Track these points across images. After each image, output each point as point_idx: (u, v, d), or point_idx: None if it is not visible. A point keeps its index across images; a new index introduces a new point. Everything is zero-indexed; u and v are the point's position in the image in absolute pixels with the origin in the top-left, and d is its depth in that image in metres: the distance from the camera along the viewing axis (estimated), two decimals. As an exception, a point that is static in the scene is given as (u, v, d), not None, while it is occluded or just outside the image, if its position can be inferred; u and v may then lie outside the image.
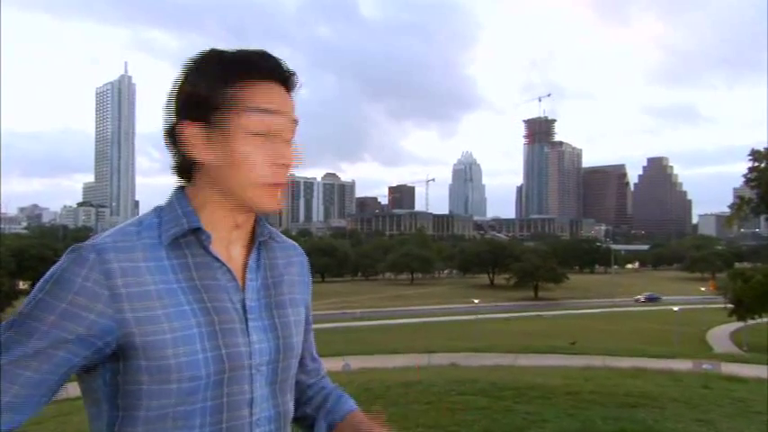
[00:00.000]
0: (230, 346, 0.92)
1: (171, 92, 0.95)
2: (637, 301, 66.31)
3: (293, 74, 0.97)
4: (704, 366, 15.13)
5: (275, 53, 0.97)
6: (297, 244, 1.14)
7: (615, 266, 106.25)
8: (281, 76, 0.95)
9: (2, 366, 0.83)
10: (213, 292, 0.92)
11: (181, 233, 0.92)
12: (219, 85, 0.92)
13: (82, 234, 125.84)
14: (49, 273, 0.87)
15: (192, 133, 0.92)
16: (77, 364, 0.87)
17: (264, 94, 0.93)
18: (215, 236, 0.94)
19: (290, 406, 1.03)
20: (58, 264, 0.87)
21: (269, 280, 1.02)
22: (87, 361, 0.87)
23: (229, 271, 0.95)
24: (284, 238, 1.11)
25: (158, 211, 0.96)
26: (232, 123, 0.92)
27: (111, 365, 0.88)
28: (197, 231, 0.93)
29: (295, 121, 0.97)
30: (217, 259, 0.94)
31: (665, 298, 68.33)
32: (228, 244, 0.97)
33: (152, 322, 0.87)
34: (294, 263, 1.10)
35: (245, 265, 0.99)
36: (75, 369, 0.88)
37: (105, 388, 0.90)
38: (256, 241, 1.01)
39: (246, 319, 0.95)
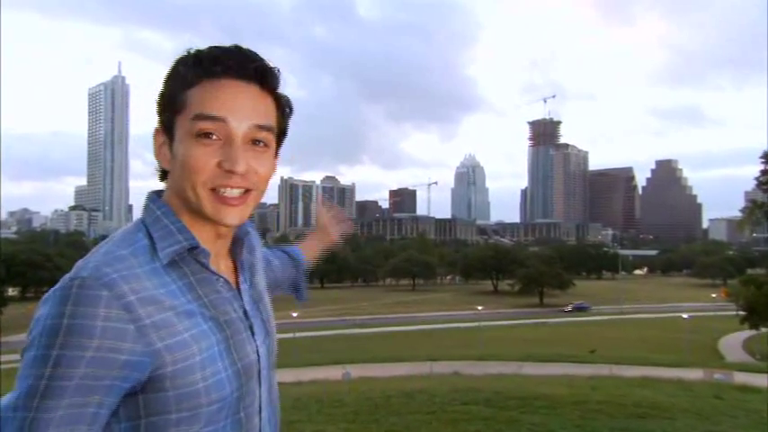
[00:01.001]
0: (243, 358, 0.93)
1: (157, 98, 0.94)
2: (564, 310, 65.53)
3: (266, 73, 0.92)
4: (716, 376, 15.07)
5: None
6: (246, 222, 1.09)
7: (623, 272, 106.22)
8: (243, 73, 0.90)
9: None
10: (221, 306, 0.93)
11: (180, 251, 0.90)
12: (179, 90, 0.90)
13: (74, 239, 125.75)
14: (50, 324, 0.78)
15: (159, 140, 0.94)
16: (107, 415, 0.82)
17: (211, 94, 0.89)
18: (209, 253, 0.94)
19: (277, 396, 1.06)
20: (55, 310, 0.79)
21: (248, 276, 1.03)
22: (113, 409, 0.83)
23: (227, 281, 0.96)
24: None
25: (142, 227, 0.92)
26: (180, 126, 0.90)
27: (127, 407, 0.85)
28: (194, 249, 0.91)
29: (258, 126, 0.91)
30: (215, 273, 0.94)
31: (679, 305, 68.12)
32: (216, 253, 0.97)
33: (182, 348, 0.85)
34: (255, 246, 1.09)
35: (235, 271, 1.00)
36: (103, 422, 0.82)
37: (121, 425, 0.86)
38: (242, 243, 1.02)
39: (250, 325, 0.97)
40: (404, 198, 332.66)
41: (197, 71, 0.89)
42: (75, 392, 0.78)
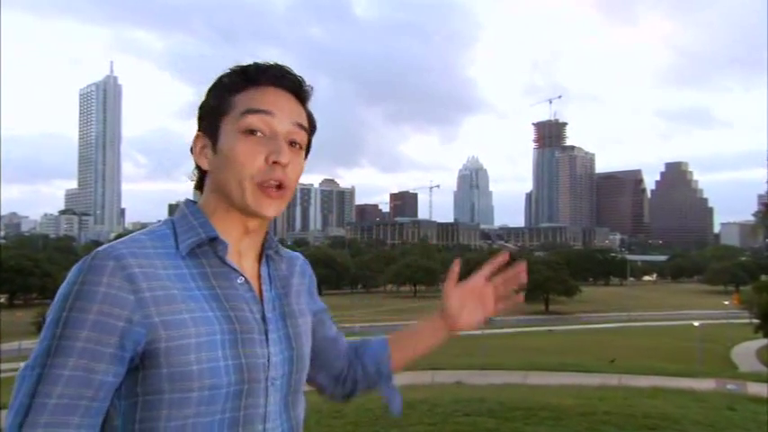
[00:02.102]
0: (250, 356, 0.97)
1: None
2: None
3: (302, 85, 1.07)
4: (729, 386, 15.02)
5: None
6: (299, 254, 1.23)
7: (631, 278, 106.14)
8: (283, 83, 1.05)
9: (52, 398, 0.85)
10: (234, 301, 0.98)
11: (198, 242, 0.98)
12: (225, 96, 1.03)
13: (63, 243, 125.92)
14: (64, 290, 0.90)
15: (200, 143, 1.05)
16: (113, 385, 0.90)
17: (257, 96, 1.02)
18: (228, 245, 1.01)
19: (301, 419, 1.10)
20: (70, 279, 0.90)
21: (279, 290, 1.09)
22: (119, 379, 0.91)
23: (247, 281, 1.02)
24: (287, 250, 1.18)
25: (170, 222, 1.03)
26: (225, 125, 1.02)
27: (128, 383, 0.92)
28: (214, 241, 0.99)
29: (298, 125, 1.04)
30: (234, 269, 1.01)
31: (689, 312, 68.05)
32: (240, 254, 1.04)
33: (179, 326, 0.91)
34: (297, 272, 1.17)
35: (258, 276, 1.06)
36: (110, 392, 0.91)
37: (120, 403, 0.93)
38: (265, 252, 1.09)
39: (266, 331, 1.01)
40: (405, 201, 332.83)
41: (242, 79, 1.04)
42: (82, 354, 0.87)
